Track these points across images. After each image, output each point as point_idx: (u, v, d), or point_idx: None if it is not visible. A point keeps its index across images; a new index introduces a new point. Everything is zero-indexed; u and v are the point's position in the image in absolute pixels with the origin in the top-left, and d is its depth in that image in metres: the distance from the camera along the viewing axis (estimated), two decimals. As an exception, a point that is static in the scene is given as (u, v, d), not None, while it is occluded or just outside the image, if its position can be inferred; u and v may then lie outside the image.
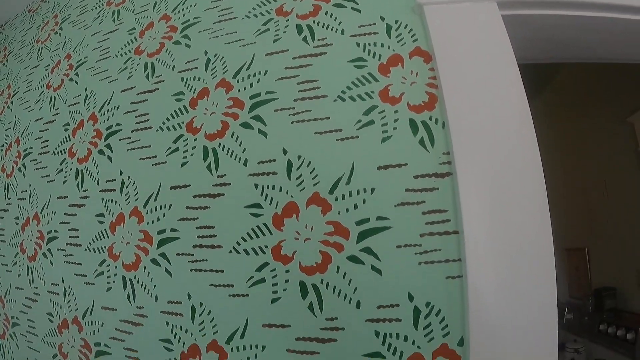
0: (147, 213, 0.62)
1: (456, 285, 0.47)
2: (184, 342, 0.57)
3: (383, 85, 0.54)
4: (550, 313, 0.47)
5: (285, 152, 0.55)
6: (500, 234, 0.48)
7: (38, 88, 0.87)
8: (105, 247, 0.66)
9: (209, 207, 0.57)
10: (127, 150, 0.67)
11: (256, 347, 0.53)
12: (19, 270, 0.79)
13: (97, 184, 0.69)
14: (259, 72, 0.61)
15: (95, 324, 0.66)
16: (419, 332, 0.47)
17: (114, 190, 0.66)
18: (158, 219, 0.61)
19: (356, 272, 0.49)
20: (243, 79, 0.62)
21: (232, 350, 0.54)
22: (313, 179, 0.53)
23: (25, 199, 0.81)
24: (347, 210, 0.51)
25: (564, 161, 1.41)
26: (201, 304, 0.56)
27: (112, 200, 0.66)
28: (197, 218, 0.58)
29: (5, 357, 0.82)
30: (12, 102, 0.93)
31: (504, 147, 0.50)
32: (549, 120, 1.44)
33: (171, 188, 0.61)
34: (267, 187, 0.55)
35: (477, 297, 0.46)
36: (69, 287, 0.70)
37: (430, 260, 0.48)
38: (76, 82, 0.80)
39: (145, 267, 0.61)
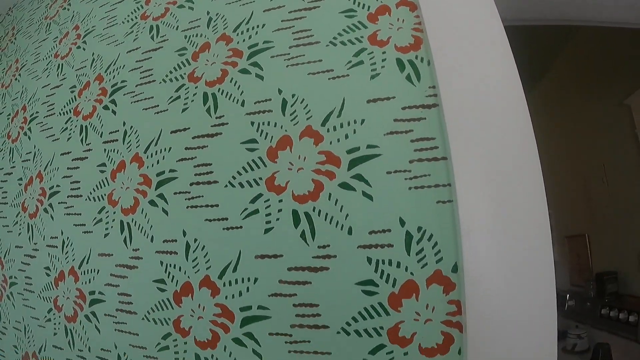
0: (147, 158, 0.64)
1: (447, 209, 0.48)
2: (177, 281, 0.58)
3: (372, 31, 0.57)
4: (545, 233, 0.47)
5: (280, 91, 0.57)
6: (488, 159, 0.49)
7: (46, 58, 0.91)
8: (105, 194, 0.67)
9: (207, 146, 0.59)
10: (131, 103, 0.70)
11: (248, 280, 0.53)
12: (20, 229, 0.80)
13: (101, 136, 0.71)
14: (257, 26, 0.64)
15: (91, 272, 0.67)
16: (411, 257, 0.48)
17: (117, 140, 0.69)
18: (158, 162, 0.62)
19: (347, 198, 0.50)
20: (242, 32, 0.65)
21: (224, 285, 0.54)
22: (306, 113, 0.55)
23: (30, 160, 0.83)
24: (339, 140, 0.52)
25: (562, 150, 1.43)
26: (195, 240, 0.57)
27: (114, 150, 0.68)
28: (195, 157, 0.59)
29: (2, 319, 0.82)
30: (19, 75, 0.97)
31: (486, 80, 0.52)
32: (547, 108, 1.46)
33: (171, 132, 0.63)
34: (263, 123, 0.57)
35: (467, 221, 0.47)
36: (68, 238, 0.71)
37: (420, 185, 0.49)
38: (83, 49, 0.84)
39: (143, 209, 0.62)
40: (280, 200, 0.53)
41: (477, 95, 0.51)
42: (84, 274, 0.68)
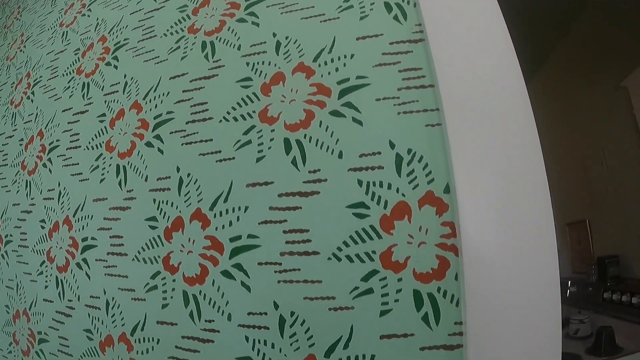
0: (145, 104, 0.66)
1: (436, 132, 0.49)
2: (168, 217, 0.58)
3: (363, -21, 0.60)
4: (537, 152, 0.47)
5: (274, 35, 0.60)
6: (474, 86, 0.50)
7: (51, 28, 0.95)
8: (103, 142, 0.68)
9: (204, 87, 0.61)
10: (132, 57, 0.72)
11: (239, 209, 0.54)
12: (18, 187, 0.81)
13: (102, 90, 0.73)
14: (255, -18, 0.67)
15: (84, 219, 0.67)
16: (402, 179, 0.48)
17: (117, 92, 0.71)
18: (156, 106, 0.64)
19: (338, 124, 0.51)
20: (241, -12, 0.67)
21: (214, 216, 0.55)
22: (299, 52, 0.57)
23: (31, 120, 0.85)
24: (329, 73, 0.54)
25: (560, 136, 1.44)
26: (189, 175, 0.58)
27: (114, 100, 0.70)
28: (192, 98, 0.61)
29: (-7, 279, 0.81)
30: (24, 46, 1.00)
31: (473, 17, 0.54)
32: (544, 95, 1.49)
33: (170, 78, 0.65)
34: (258, 63, 0.59)
35: (457, 142, 0.48)
36: (64, 188, 0.72)
37: (409, 110, 0.50)
38: (88, 16, 0.87)
39: (139, 151, 0.63)
40: (273, 130, 0.54)
41: (463, 28, 0.53)
42: (78, 221, 0.69)
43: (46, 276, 0.73)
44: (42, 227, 0.75)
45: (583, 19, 1.37)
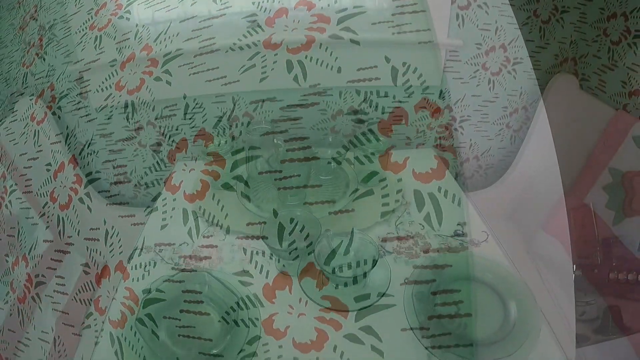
0: (156, 45, 0.71)
1: (428, 47, 0.54)
2: (173, 141, 0.62)
3: None
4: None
5: (279, -22, 0.66)
6: (467, 16, 0.56)
7: (68, -2, 1.03)
8: (113, 83, 0.74)
9: (212, 25, 0.67)
10: (145, 8, 0.79)
11: (242, 124, 0.58)
12: (25, 139, 0.86)
13: (114, 39, 0.79)
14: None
15: (90, 155, 0.72)
16: (398, 87, 0.53)
17: (128, 39, 0.77)
18: (166, 46, 0.70)
19: (336, 46, 0.57)
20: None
21: (217, 134, 0.59)
22: (302, -11, 0.63)
23: (42, 77, 0.91)
24: (329, 5, 0.61)
25: (563, 120, 1.50)
26: (194, 100, 0.63)
27: (126, 46, 0.76)
28: (200, 35, 0.67)
29: (-7, 228, 0.84)
30: (37, 15, 1.07)
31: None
32: (546, 75, 1.56)
33: (180, 22, 0.71)
34: (263, 1, 0.65)
35: (449, 58, 0.53)
36: (72, 130, 0.77)
37: (402, 31, 0.56)
38: (105, -16, 0.95)
39: (147, 87, 0.69)
40: (276, 54, 0.60)
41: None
42: (84, 158, 0.73)
43: (48, 217, 0.75)
44: (48, 170, 0.78)
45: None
